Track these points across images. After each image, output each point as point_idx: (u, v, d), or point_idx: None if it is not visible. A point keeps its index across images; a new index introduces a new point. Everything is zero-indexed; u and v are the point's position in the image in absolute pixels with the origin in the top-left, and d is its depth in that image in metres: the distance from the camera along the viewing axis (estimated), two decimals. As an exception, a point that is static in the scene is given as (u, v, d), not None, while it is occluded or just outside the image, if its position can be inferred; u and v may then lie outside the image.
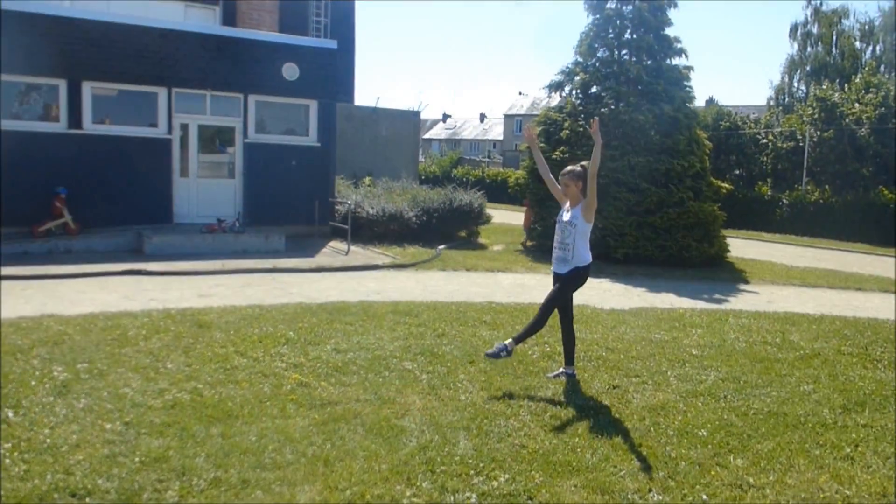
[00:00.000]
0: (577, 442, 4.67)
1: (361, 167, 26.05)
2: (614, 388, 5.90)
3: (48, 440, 4.32)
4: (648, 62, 16.72)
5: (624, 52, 16.97)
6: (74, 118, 14.16)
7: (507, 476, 4.13)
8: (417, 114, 32.60)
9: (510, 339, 5.96)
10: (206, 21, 18.33)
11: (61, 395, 5.10)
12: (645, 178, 15.34)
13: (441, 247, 15.89)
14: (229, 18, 18.74)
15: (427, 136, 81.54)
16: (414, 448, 4.45)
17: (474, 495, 3.90)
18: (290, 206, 16.08)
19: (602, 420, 5.10)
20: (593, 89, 17.09)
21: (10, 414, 4.70)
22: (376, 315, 8.26)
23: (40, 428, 4.50)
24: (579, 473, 4.22)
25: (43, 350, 6.20)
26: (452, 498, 3.86)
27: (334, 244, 15.61)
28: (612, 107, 16.27)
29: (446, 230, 17.39)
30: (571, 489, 4.01)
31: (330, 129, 17.02)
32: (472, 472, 4.17)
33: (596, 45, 17.04)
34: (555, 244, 6.22)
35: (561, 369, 6.19)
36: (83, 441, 4.34)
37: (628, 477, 4.18)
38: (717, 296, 11.73)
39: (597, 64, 17.02)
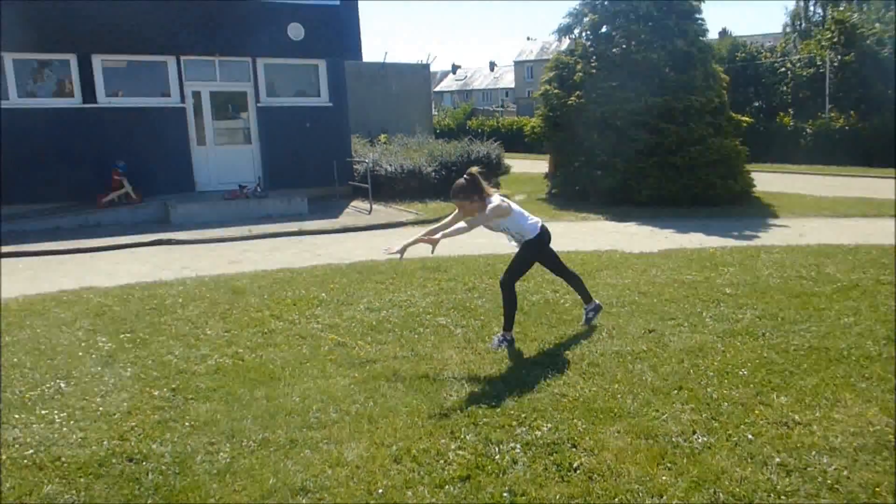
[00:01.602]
0: (617, 388, 4.69)
1: (375, 125, 25.86)
2: (650, 332, 5.90)
3: (101, 408, 4.44)
4: (659, -3, 16.28)
5: (633, -12, 16.53)
6: (88, 92, 14.14)
7: (549, 425, 4.16)
8: (427, 67, 32.14)
9: (501, 331, 5.71)
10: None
11: (108, 365, 5.22)
12: (663, 117, 15.09)
13: (462, 200, 15.82)
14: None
15: (438, 88, 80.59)
16: (455, 401, 4.50)
17: (518, 445, 3.94)
18: (309, 168, 16.06)
19: (640, 365, 5.11)
20: (603, 29, 16.75)
21: (63, 384, 4.82)
22: (406, 272, 8.29)
23: (92, 397, 4.62)
24: (621, 419, 4.24)
25: (86, 322, 6.32)
26: (497, 449, 3.91)
27: (356, 203, 15.62)
28: (624, 46, 15.92)
29: (466, 183, 17.25)
30: (615, 435, 4.04)
31: (340, 88, 16.86)
32: (514, 422, 4.21)
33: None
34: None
35: (587, 306, 6.15)
36: (134, 408, 4.44)
37: (671, 420, 4.20)
38: (746, 232, 11.62)
39: (605, 3, 16.61)
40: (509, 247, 6.05)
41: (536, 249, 5.77)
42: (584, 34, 17.08)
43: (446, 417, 4.27)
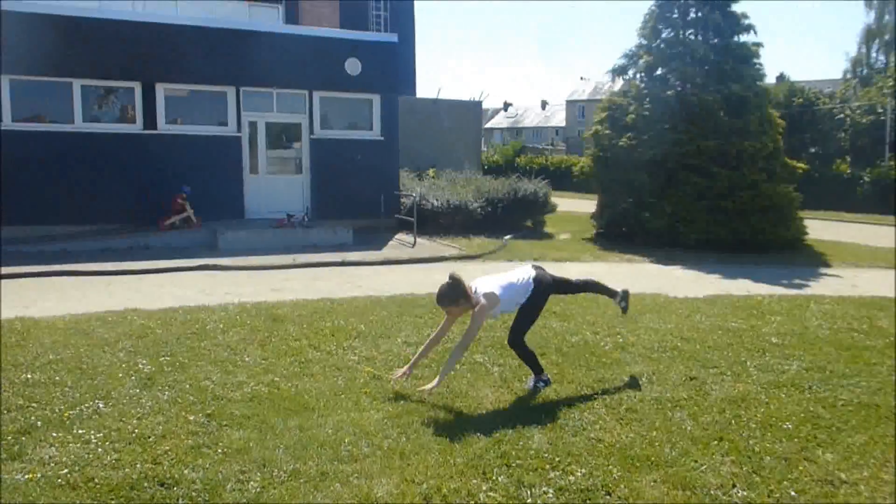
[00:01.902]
0: (655, 436, 4.56)
1: (425, 159, 26.16)
2: (691, 379, 5.75)
3: (136, 430, 4.49)
4: (715, 41, 16.23)
5: (689, 31, 16.51)
6: (150, 119, 14.65)
7: (583, 470, 4.07)
8: (479, 104, 32.48)
9: (532, 375, 5.55)
10: (269, 20, 18.70)
11: (147, 388, 5.29)
12: (715, 161, 14.92)
13: (507, 237, 15.82)
14: (291, 17, 19.12)
15: (489, 125, 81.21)
16: (488, 442, 4.43)
17: (551, 490, 3.86)
18: (357, 200, 16.27)
19: (680, 413, 4.97)
20: (658, 71, 16.70)
21: (101, 405, 4.91)
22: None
23: (129, 419, 4.68)
24: (658, 468, 4.12)
25: (128, 343, 6.45)
26: (529, 493, 3.83)
27: (401, 236, 15.73)
28: (679, 88, 15.83)
29: (511, 220, 17.29)
30: (651, 484, 3.93)
31: (393, 123, 17.12)
32: (547, 466, 4.12)
33: (660, 27, 16.65)
34: None
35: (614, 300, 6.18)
36: (169, 432, 4.49)
37: (710, 472, 4.06)
38: (796, 281, 11.31)
39: (661, 45, 16.61)
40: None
41: (538, 301, 5.49)
42: (638, 75, 17.08)
43: (479, 457, 4.21)
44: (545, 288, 5.51)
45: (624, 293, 6.14)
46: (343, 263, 12.32)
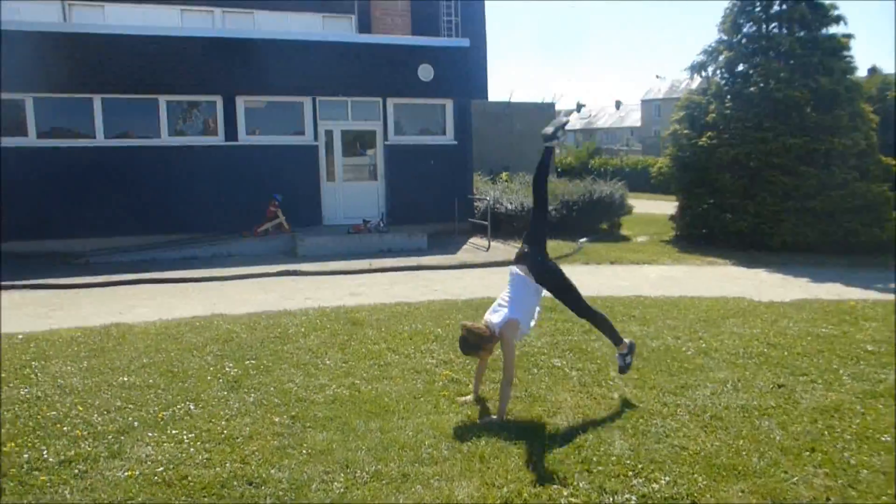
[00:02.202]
0: (742, 444, 4.42)
1: (497, 163, 26.12)
2: (779, 386, 5.54)
3: (225, 431, 4.66)
4: (801, 33, 15.57)
5: (773, 25, 15.91)
6: (231, 131, 15.17)
7: (667, 478, 3.98)
8: (552, 105, 32.19)
9: (617, 351, 5.47)
10: (343, 30, 19.12)
11: (233, 390, 5.48)
12: (802, 159, 14.33)
13: (582, 240, 15.64)
14: (364, 26, 19.45)
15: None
16: (568, 447, 4.39)
17: (634, 497, 3.80)
18: (431, 205, 16.40)
19: (768, 422, 4.80)
20: (740, 67, 16.17)
21: (192, 406, 5.11)
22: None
23: (218, 420, 4.86)
24: (746, 478, 3.99)
25: (215, 347, 6.69)
26: (611, 499, 3.78)
27: (475, 240, 15.76)
28: (762, 85, 15.28)
29: (587, 223, 17.09)
30: (738, 495, 3.81)
31: (466, 127, 17.19)
32: (630, 472, 4.06)
33: (741, 21, 16.10)
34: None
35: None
36: (255, 433, 4.63)
37: (801, 484, 3.91)
38: (892, 285, 10.74)
39: (743, 40, 16.08)
40: (619, 288, 5.84)
41: (550, 276, 5.21)
42: (718, 72, 16.59)
43: (559, 462, 4.18)
44: (540, 264, 5.16)
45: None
46: (418, 268, 12.44)
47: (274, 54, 15.24)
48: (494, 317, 5.02)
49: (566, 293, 5.30)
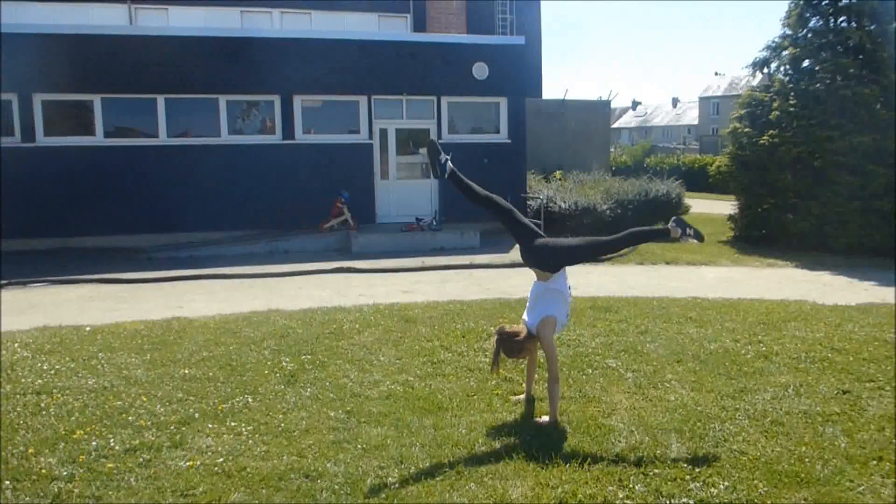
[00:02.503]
0: (805, 451, 4.29)
1: (551, 161, 25.95)
2: (844, 392, 5.36)
3: (282, 424, 4.75)
4: (871, 27, 15.00)
5: (841, 18, 15.37)
6: (287, 130, 15.43)
7: (726, 483, 3.90)
8: (607, 103, 31.83)
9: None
10: (398, 29, 19.24)
11: (290, 384, 5.58)
12: (870, 158, 13.80)
13: (637, 240, 15.38)
14: (419, 24, 19.53)
15: (616, 125, 79.40)
16: (624, 448, 4.34)
17: (691, 501, 3.73)
18: (484, 203, 16.34)
19: (832, 428, 4.64)
20: (805, 63, 15.66)
21: (250, 399, 5.23)
22: (574, 311, 8.08)
23: (275, 413, 4.96)
24: (809, 486, 3.88)
25: (272, 342, 6.82)
26: (668, 502, 3.72)
27: (527, 239, 15.65)
28: (828, 81, 14.79)
29: (642, 222, 16.77)
30: (801, 503, 3.70)
31: (519, 125, 17.10)
32: (687, 476, 3.98)
33: (807, 15, 15.60)
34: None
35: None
36: (311, 427, 4.71)
37: (868, 494, 3.78)
38: (964, 289, 10.28)
39: (809, 35, 15.57)
40: (675, 289, 5.72)
41: (541, 251, 5.05)
42: (782, 68, 16.13)
43: (614, 464, 4.13)
44: (533, 251, 5.06)
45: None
46: (471, 266, 12.45)
47: (330, 54, 15.45)
48: (529, 316, 5.01)
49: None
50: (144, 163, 14.71)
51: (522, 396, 5.26)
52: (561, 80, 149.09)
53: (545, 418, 4.82)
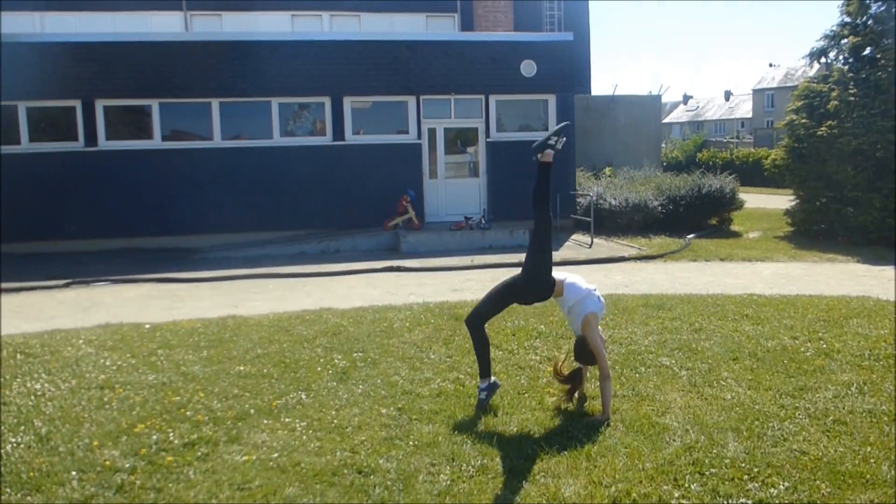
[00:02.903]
0: (870, 451, 4.16)
1: (601, 157, 25.61)
2: (911, 391, 5.17)
3: (335, 421, 4.81)
4: (937, 13, 14.43)
5: (904, 4, 14.84)
6: (338, 131, 15.62)
7: (786, 484, 3.80)
8: (658, 98, 31.25)
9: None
10: (446, 29, 19.27)
11: (342, 381, 5.65)
12: (936, 149, 13.29)
13: (690, 236, 15.12)
14: (467, 24, 19.52)
15: (666, 120, 77.96)
16: (679, 447, 4.27)
17: (749, 502, 3.65)
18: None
19: (899, 427, 4.49)
20: (866, 52, 15.14)
21: (303, 396, 5.31)
22: (626, 309, 8.06)
23: (328, 410, 5.02)
24: (875, 487, 3.75)
25: (324, 340, 6.92)
26: (725, 503, 3.64)
27: (577, 237, 15.54)
28: (891, 69, 14.26)
29: (695, 218, 16.51)
30: (866, 504, 3.59)
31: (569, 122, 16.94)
32: (745, 476, 3.90)
33: (867, 1, 15.07)
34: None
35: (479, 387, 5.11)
36: (364, 423, 4.76)
37: (939, 495, 3.63)
38: None
39: (870, 22, 15.04)
40: (730, 286, 5.61)
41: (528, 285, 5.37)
42: (841, 58, 15.63)
43: (669, 463, 4.07)
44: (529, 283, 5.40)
45: (492, 387, 5.04)
46: (520, 265, 12.32)
47: (379, 55, 15.58)
48: (574, 328, 5.10)
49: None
50: (200, 165, 15.08)
51: (575, 394, 5.22)
52: (610, 76, 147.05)
53: (597, 415, 4.79)
